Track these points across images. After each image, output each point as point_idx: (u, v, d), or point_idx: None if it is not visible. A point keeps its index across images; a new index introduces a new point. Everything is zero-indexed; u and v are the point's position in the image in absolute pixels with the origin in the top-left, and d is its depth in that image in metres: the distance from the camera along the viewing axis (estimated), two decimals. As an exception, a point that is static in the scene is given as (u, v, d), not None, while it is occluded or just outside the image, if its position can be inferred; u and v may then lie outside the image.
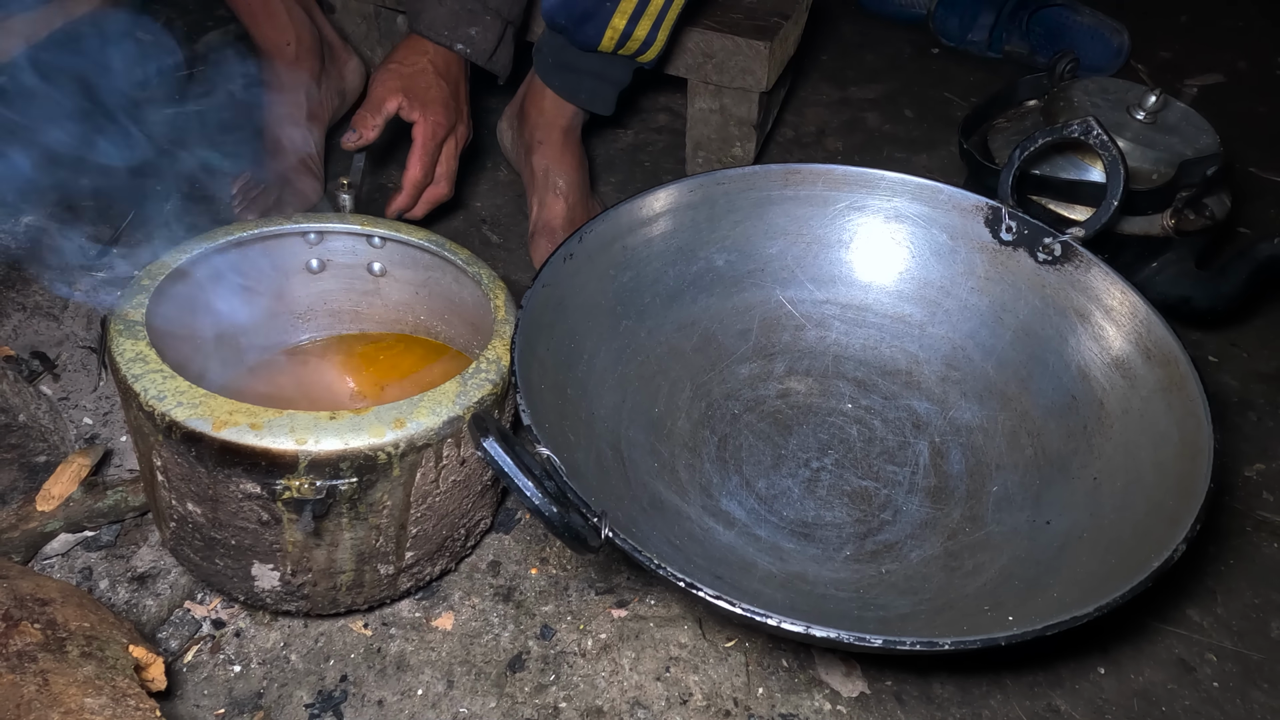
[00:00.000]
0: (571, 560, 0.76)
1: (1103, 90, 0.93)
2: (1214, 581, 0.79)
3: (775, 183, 0.80)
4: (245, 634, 0.69)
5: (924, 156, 1.31)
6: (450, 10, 0.91)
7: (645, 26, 0.95)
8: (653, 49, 0.98)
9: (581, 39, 0.96)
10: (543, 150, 1.06)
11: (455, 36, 0.92)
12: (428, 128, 0.91)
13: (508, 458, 0.51)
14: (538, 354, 0.66)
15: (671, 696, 0.67)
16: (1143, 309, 0.70)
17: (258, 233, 0.73)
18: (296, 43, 1.03)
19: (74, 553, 0.72)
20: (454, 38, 0.92)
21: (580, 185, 1.07)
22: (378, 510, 0.60)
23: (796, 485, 0.73)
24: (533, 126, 1.07)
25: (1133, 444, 0.67)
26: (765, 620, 0.51)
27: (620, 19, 0.94)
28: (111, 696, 0.50)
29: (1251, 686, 0.72)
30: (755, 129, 1.15)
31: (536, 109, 1.06)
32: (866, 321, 0.82)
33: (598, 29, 0.95)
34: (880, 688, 0.69)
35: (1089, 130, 0.75)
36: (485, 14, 0.92)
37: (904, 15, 1.63)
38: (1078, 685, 0.71)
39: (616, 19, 0.94)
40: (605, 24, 0.94)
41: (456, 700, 0.66)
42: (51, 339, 0.87)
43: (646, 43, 0.97)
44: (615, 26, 0.95)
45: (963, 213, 0.79)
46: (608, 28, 0.95)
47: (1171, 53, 1.61)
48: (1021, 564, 0.65)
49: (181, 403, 0.57)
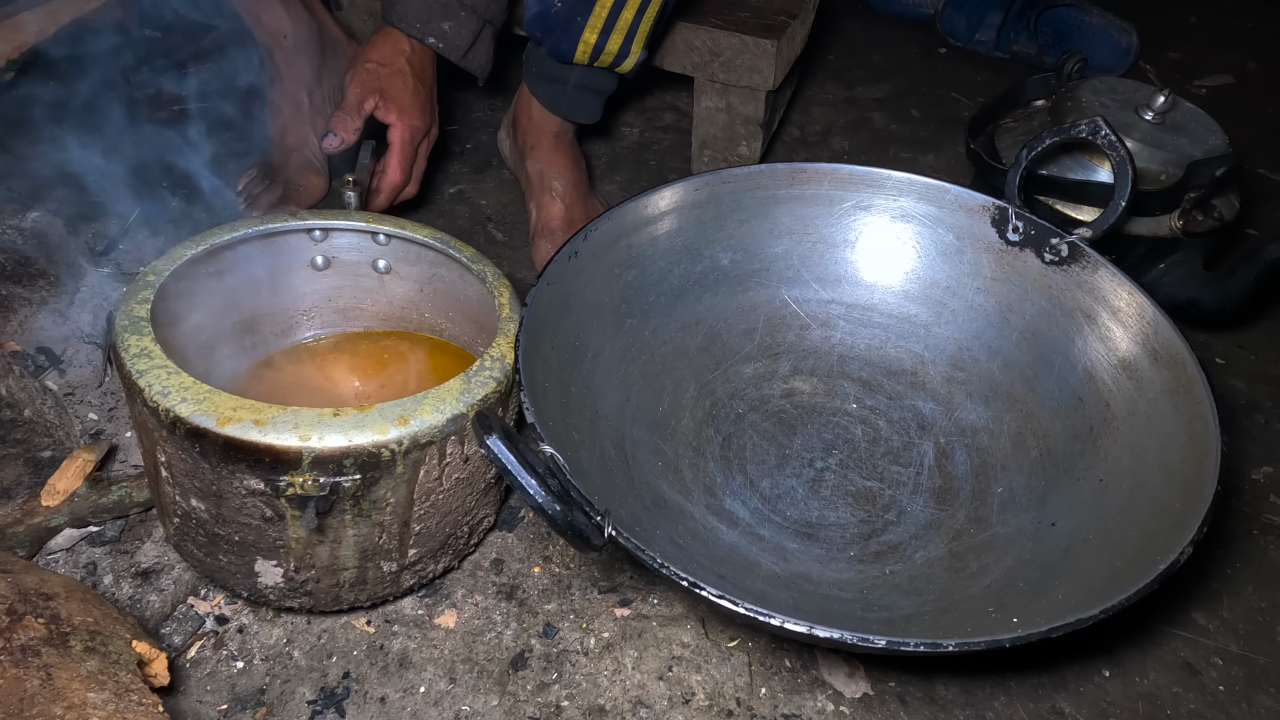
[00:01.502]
0: (574, 559, 0.76)
1: (1111, 90, 0.93)
2: (1220, 585, 0.78)
3: (781, 182, 0.80)
4: (248, 630, 0.69)
5: (930, 156, 1.31)
6: (424, 2, 0.91)
7: (617, 40, 0.95)
8: (628, 60, 0.98)
9: (557, 52, 0.97)
10: (536, 155, 1.07)
11: (428, 30, 0.91)
12: (405, 131, 0.90)
13: (511, 456, 0.51)
14: (542, 352, 0.66)
15: (674, 696, 0.67)
16: (1150, 310, 0.70)
17: (263, 229, 0.73)
18: (293, 34, 1.03)
19: (78, 548, 0.72)
20: (426, 31, 0.91)
21: (576, 185, 1.07)
22: (381, 507, 0.60)
23: (801, 485, 0.73)
24: (524, 133, 1.08)
25: (1139, 446, 0.67)
26: (768, 620, 0.51)
27: (591, 34, 0.94)
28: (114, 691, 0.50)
29: (1257, 690, 0.71)
30: (761, 128, 1.14)
31: (526, 115, 1.07)
32: (872, 321, 0.82)
33: (570, 43, 0.95)
34: (883, 689, 0.69)
35: (1097, 130, 0.74)
36: (460, 9, 0.91)
37: (911, 15, 1.63)
38: (1082, 688, 0.70)
39: (587, 34, 0.94)
40: (577, 38, 0.94)
41: (459, 698, 0.66)
42: (57, 334, 0.88)
43: (620, 55, 0.97)
44: (587, 41, 0.95)
45: (969, 213, 0.79)
46: (579, 42, 0.95)
47: (1180, 53, 1.60)
48: (1026, 566, 0.65)
49: (186, 399, 0.57)
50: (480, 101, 1.33)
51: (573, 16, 0.93)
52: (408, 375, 0.79)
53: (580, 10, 0.92)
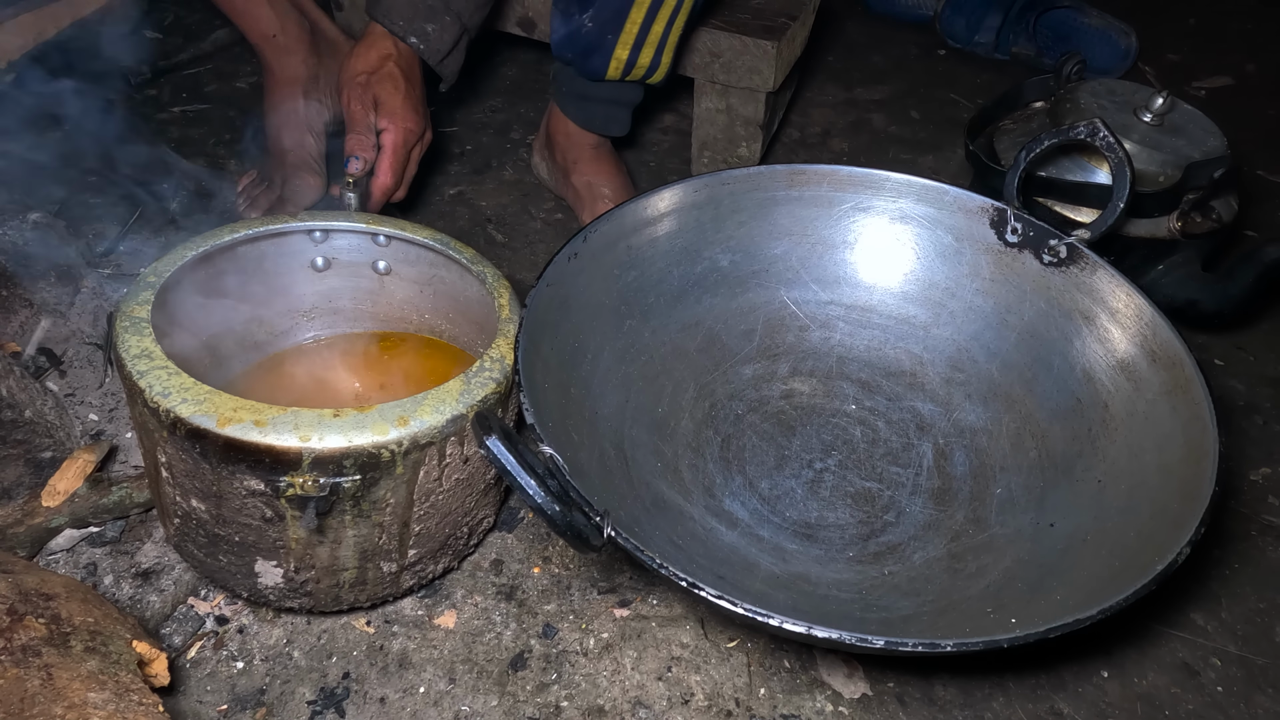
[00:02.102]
0: (574, 559, 0.76)
1: (1109, 92, 0.93)
2: (1218, 585, 0.79)
3: (780, 183, 0.80)
4: (248, 630, 0.69)
5: (930, 158, 1.31)
6: (412, 4, 0.91)
7: (648, 54, 0.96)
8: (659, 72, 1.00)
9: (588, 70, 0.98)
10: (580, 168, 1.09)
11: (411, 29, 0.91)
12: (399, 135, 0.91)
13: (511, 456, 0.51)
14: (542, 353, 0.66)
15: (673, 696, 0.67)
16: (1148, 311, 0.70)
17: (263, 230, 0.73)
18: (283, 33, 1.03)
19: (79, 548, 0.72)
20: (409, 30, 0.91)
21: (625, 189, 1.10)
22: (381, 508, 0.61)
23: (800, 486, 0.73)
24: (563, 150, 1.10)
25: (1137, 447, 0.67)
26: (767, 621, 0.51)
27: (623, 50, 0.95)
28: (115, 691, 0.50)
29: (1256, 691, 0.71)
30: (761, 129, 1.15)
31: (562, 134, 1.10)
32: (871, 323, 0.82)
33: (603, 61, 0.97)
34: (882, 689, 0.69)
35: (1095, 132, 0.74)
36: (445, 13, 0.92)
37: (910, 16, 1.63)
38: (1081, 688, 0.70)
39: (619, 50, 0.96)
40: (609, 56, 0.96)
41: (458, 698, 0.66)
42: (58, 335, 0.88)
43: (652, 68, 0.98)
44: (619, 57, 0.96)
45: (968, 214, 0.79)
46: (611, 59, 0.96)
47: (1179, 55, 1.61)
48: (1025, 566, 0.65)
49: (186, 399, 0.57)
50: (479, 104, 1.33)
51: (604, 35, 0.94)
52: (407, 376, 0.79)
53: (611, 29, 0.94)
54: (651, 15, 0.94)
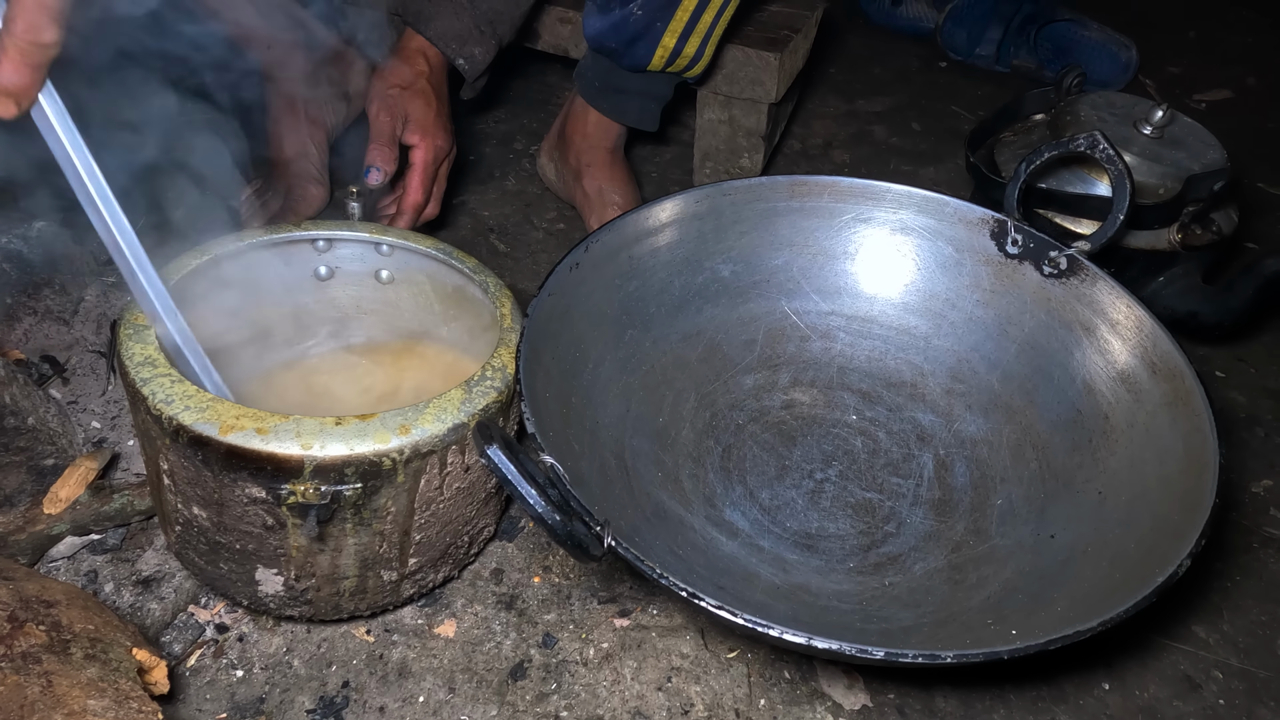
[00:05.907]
0: (574, 569, 0.76)
1: (1109, 104, 0.93)
2: (1220, 598, 0.78)
3: (781, 194, 0.81)
4: (248, 639, 0.69)
5: (930, 170, 1.32)
6: (465, 27, 0.92)
7: (695, 43, 0.96)
8: (700, 63, 1.00)
9: (631, 60, 0.98)
10: (592, 172, 1.08)
11: (461, 52, 0.93)
12: (429, 152, 0.91)
13: (511, 465, 0.51)
14: (543, 362, 0.66)
15: (673, 707, 0.67)
16: (1148, 323, 0.70)
17: (266, 239, 0.73)
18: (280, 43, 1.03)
19: (80, 556, 0.72)
20: (460, 53, 0.93)
21: (635, 198, 1.10)
22: (382, 516, 0.61)
23: (800, 496, 0.73)
24: (578, 151, 1.09)
25: (1138, 458, 0.67)
26: (767, 631, 0.51)
27: (670, 38, 0.95)
28: (114, 699, 0.50)
29: (1258, 704, 0.71)
30: (763, 140, 1.15)
31: (580, 134, 1.08)
32: (871, 333, 0.82)
33: (649, 48, 0.96)
34: (882, 700, 0.69)
35: (1095, 144, 0.75)
36: (491, 38, 0.93)
37: (912, 29, 1.64)
38: (1082, 700, 0.70)
39: (667, 38, 0.95)
40: (656, 43, 0.96)
41: (458, 708, 0.66)
42: (61, 343, 0.88)
43: (695, 58, 0.98)
44: (665, 45, 0.96)
45: (968, 226, 0.79)
46: (658, 47, 0.96)
47: (1179, 68, 1.61)
48: (1025, 578, 0.65)
49: (189, 407, 0.57)
50: (482, 114, 1.33)
51: (653, 22, 0.94)
52: (409, 385, 0.79)
53: (662, 15, 0.94)
54: (704, 3, 0.94)
